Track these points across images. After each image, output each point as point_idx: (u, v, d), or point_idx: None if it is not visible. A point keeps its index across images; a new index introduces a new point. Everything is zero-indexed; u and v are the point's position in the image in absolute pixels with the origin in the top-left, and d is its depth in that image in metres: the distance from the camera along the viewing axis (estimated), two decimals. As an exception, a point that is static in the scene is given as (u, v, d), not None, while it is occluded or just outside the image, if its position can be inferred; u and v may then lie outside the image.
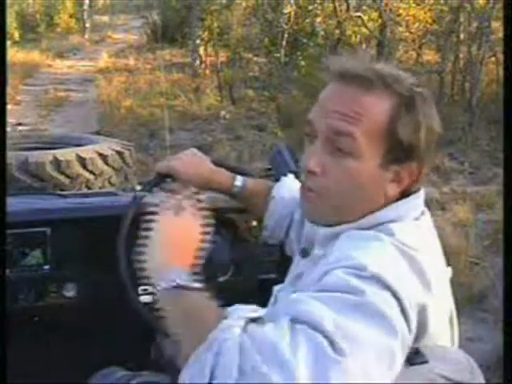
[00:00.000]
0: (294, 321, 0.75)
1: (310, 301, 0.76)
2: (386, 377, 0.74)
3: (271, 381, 0.68)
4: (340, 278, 0.79)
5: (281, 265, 1.40)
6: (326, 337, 0.72)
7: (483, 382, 0.86)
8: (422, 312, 0.82)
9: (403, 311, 0.78)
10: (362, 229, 0.91)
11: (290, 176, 1.36)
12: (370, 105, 0.89)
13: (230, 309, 0.81)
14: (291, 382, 0.68)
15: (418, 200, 0.95)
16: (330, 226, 0.95)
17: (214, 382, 0.70)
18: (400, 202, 0.93)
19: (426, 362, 0.81)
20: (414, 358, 0.81)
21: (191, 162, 1.30)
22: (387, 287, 0.78)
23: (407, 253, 0.84)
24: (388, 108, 0.89)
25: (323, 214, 0.94)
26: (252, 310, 0.80)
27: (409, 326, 0.78)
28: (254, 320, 0.78)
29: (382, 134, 0.89)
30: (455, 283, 0.97)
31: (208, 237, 0.99)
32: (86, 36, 17.71)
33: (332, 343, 0.71)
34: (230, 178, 1.31)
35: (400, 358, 0.76)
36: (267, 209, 1.31)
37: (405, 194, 0.94)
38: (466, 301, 3.17)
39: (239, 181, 1.31)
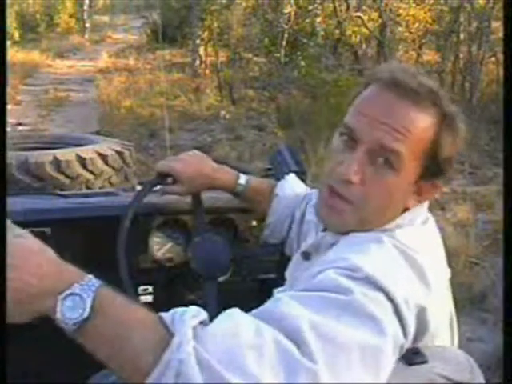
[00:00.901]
0: (266, 320, 0.72)
1: (290, 301, 0.75)
2: (372, 377, 0.73)
3: None
4: (330, 278, 0.78)
5: (281, 265, 1.40)
6: (298, 338, 0.70)
7: (483, 381, 0.86)
8: (422, 313, 0.82)
9: (398, 313, 0.77)
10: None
11: (292, 175, 1.37)
12: (419, 121, 0.88)
13: (167, 316, 0.72)
14: None
15: (423, 207, 0.95)
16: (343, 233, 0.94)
17: None
18: (407, 212, 0.93)
19: (425, 361, 0.81)
20: (414, 358, 0.81)
21: (193, 161, 1.30)
22: (381, 289, 0.77)
23: (408, 254, 0.84)
24: (433, 126, 0.89)
25: (349, 223, 0.91)
26: (194, 315, 0.72)
27: (404, 327, 0.78)
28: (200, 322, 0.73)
29: (424, 152, 0.89)
30: (455, 283, 0.97)
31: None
32: (86, 36, 17.72)
33: (302, 346, 0.69)
34: (233, 177, 1.32)
35: (390, 360, 0.76)
36: (270, 207, 1.31)
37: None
38: (466, 301, 3.17)
39: (243, 179, 1.31)
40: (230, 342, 0.69)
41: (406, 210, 0.92)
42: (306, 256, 1.05)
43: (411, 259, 0.84)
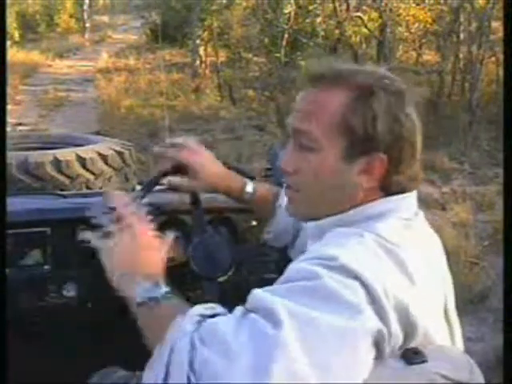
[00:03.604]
0: (247, 312, 0.79)
1: (263, 293, 0.80)
2: (349, 357, 0.75)
3: (218, 369, 0.72)
4: (301, 267, 0.83)
5: (281, 265, 1.40)
6: (268, 314, 0.75)
7: (483, 381, 0.86)
8: (404, 305, 0.81)
9: (374, 303, 0.78)
10: (345, 222, 0.92)
11: None
12: (323, 100, 0.93)
13: (191, 309, 0.85)
14: (234, 366, 0.72)
15: (407, 200, 0.95)
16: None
17: (169, 379, 0.76)
18: (385, 200, 0.93)
19: (425, 361, 0.81)
20: (414, 357, 0.81)
21: (211, 160, 1.29)
22: (356, 277, 0.79)
23: (388, 247, 0.85)
24: (340, 101, 0.92)
25: (301, 209, 0.99)
26: (208, 308, 0.85)
27: (381, 316, 0.78)
28: (211, 316, 0.83)
29: (337, 127, 0.91)
30: (455, 283, 0.97)
31: (161, 239, 1.04)
32: (86, 36, 17.75)
33: (273, 319, 0.75)
34: (241, 185, 1.29)
35: (364, 343, 0.76)
36: (274, 216, 1.29)
37: (390, 190, 0.94)
38: (467, 301, 3.17)
39: (250, 187, 1.29)
40: (217, 328, 0.78)
41: (367, 191, 0.93)
42: None
43: (392, 252, 0.85)
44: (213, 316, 0.83)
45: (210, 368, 0.73)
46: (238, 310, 0.81)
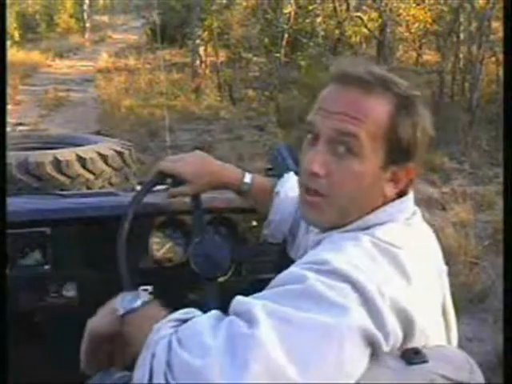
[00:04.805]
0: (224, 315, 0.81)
1: (245, 298, 0.81)
2: (333, 357, 0.74)
3: (194, 366, 0.73)
4: (292, 271, 0.83)
5: (281, 265, 1.40)
6: (249, 317, 0.76)
7: (483, 381, 0.86)
8: (402, 308, 0.81)
9: (367, 304, 0.78)
10: (351, 229, 0.91)
11: (292, 173, 1.36)
12: (372, 106, 0.90)
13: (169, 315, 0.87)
14: (211, 365, 0.72)
15: (407, 202, 0.95)
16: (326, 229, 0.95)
17: (153, 380, 0.77)
18: (388, 206, 0.93)
19: (425, 361, 0.81)
20: (414, 357, 0.81)
21: (196, 160, 1.27)
22: (348, 281, 0.79)
23: (386, 249, 0.85)
24: (388, 109, 0.91)
25: (327, 216, 0.93)
26: (185, 313, 0.86)
27: (375, 316, 0.78)
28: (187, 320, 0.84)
29: (383, 135, 0.90)
30: (455, 283, 0.97)
31: None
32: (86, 36, 17.76)
33: (250, 319, 0.75)
34: (239, 175, 1.29)
35: (351, 341, 0.76)
36: (271, 204, 1.30)
37: (398, 195, 0.95)
38: (466, 301, 3.17)
39: (248, 178, 1.29)
40: (194, 329, 0.79)
41: (385, 199, 0.93)
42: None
43: (390, 255, 0.84)
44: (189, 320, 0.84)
45: (187, 368, 0.74)
46: (215, 312, 0.83)
